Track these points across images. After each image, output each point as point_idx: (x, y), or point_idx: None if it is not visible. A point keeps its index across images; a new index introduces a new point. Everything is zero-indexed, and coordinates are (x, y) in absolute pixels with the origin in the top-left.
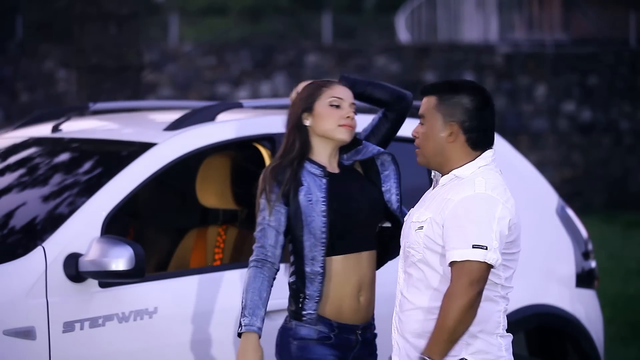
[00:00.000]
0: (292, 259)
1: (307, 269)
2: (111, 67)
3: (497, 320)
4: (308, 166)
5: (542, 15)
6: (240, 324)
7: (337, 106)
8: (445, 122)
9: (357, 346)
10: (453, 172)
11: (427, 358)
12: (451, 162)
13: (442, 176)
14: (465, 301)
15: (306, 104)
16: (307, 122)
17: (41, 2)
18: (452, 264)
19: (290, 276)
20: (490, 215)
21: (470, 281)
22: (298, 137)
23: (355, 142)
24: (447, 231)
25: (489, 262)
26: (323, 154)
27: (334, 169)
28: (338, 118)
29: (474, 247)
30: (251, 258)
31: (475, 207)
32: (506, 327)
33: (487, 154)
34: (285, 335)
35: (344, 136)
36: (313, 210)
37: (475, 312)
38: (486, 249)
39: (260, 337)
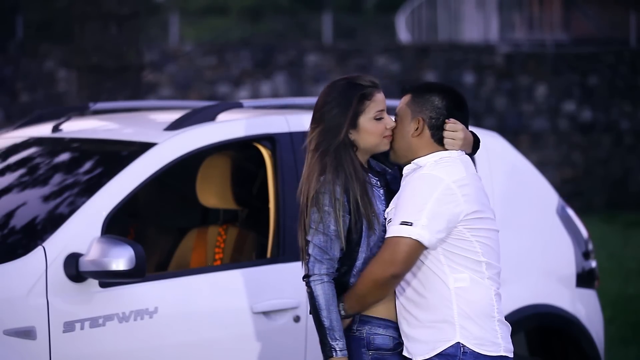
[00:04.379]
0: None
1: (352, 280)
2: (111, 67)
3: (490, 304)
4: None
5: (542, 15)
6: (334, 348)
7: (381, 118)
8: (413, 118)
9: None
10: (414, 161)
11: (343, 305)
12: (418, 156)
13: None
14: (381, 277)
15: (351, 121)
16: (352, 137)
17: (41, 2)
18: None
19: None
20: (426, 194)
21: (391, 257)
22: (347, 153)
23: None
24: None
25: (413, 238)
26: (362, 161)
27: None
28: (383, 131)
29: (401, 223)
30: (319, 271)
31: (415, 186)
32: (503, 314)
33: (455, 152)
34: (356, 344)
35: (387, 147)
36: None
37: (387, 291)
38: (411, 225)
39: None
